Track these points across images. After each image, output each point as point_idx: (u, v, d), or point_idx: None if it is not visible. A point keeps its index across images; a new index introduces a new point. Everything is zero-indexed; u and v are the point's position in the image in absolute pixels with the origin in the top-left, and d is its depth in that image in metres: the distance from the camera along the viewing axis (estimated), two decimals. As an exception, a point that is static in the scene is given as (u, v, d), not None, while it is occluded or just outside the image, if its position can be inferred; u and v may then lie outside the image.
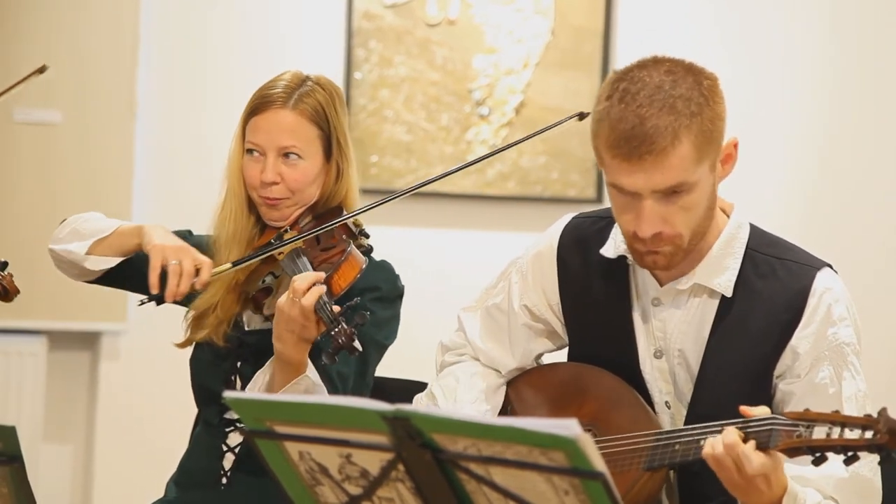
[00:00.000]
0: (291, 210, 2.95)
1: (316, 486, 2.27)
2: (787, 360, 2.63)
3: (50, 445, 5.02)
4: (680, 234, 2.57)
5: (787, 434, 2.40)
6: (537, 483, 2.10)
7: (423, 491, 2.19)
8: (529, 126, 5.22)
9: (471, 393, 2.82)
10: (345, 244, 2.86)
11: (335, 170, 2.97)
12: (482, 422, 2.16)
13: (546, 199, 5.21)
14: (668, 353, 2.70)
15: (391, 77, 5.17)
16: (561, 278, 2.82)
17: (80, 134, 5.00)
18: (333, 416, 2.19)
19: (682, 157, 2.51)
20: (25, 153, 4.98)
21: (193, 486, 2.97)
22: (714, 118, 2.56)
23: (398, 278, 3.00)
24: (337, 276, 2.81)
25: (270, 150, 2.92)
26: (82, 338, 5.06)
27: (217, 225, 2.99)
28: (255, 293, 2.92)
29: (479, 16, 5.21)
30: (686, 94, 2.53)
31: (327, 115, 2.95)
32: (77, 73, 4.99)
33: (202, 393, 3.01)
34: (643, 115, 2.51)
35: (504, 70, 5.21)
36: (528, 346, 2.87)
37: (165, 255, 2.81)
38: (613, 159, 2.54)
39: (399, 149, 5.17)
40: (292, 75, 2.96)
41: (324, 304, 2.69)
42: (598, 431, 2.68)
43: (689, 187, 2.54)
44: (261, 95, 2.95)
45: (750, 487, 2.42)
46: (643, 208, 2.54)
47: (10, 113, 4.98)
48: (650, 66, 2.57)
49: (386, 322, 2.95)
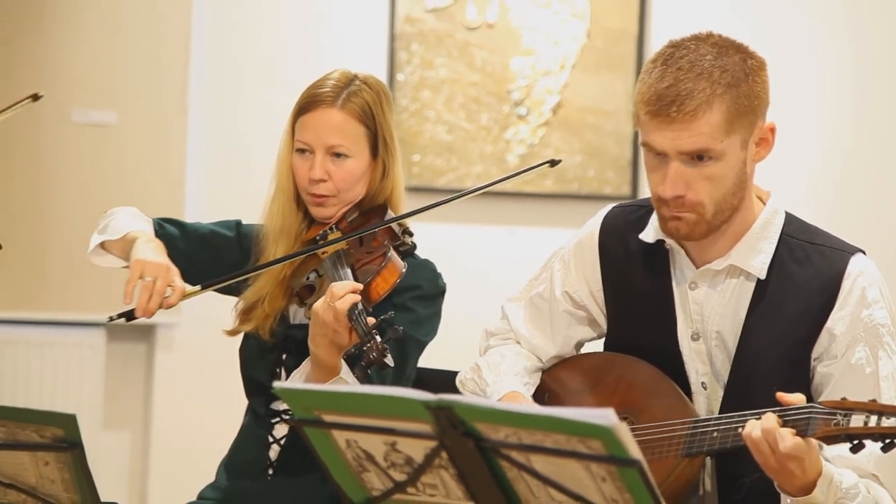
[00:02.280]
0: (338, 207, 2.94)
1: (362, 472, 2.27)
2: (823, 342, 2.62)
3: (109, 432, 5.04)
4: (702, 203, 2.58)
5: (825, 422, 2.40)
6: (576, 470, 2.09)
7: (466, 477, 2.18)
8: (566, 125, 5.22)
9: (513, 368, 2.82)
10: (385, 248, 2.84)
11: (381, 168, 2.96)
12: (522, 411, 2.16)
13: (583, 196, 5.20)
14: (706, 335, 2.69)
15: (432, 78, 5.17)
16: (602, 265, 2.81)
17: (134, 134, 5.02)
18: (379, 405, 2.19)
19: (710, 124, 2.54)
20: (83, 152, 5.01)
21: (241, 476, 2.97)
22: (750, 95, 2.57)
23: (440, 277, 2.98)
24: (376, 282, 2.79)
25: (318, 148, 2.91)
26: (139, 330, 5.08)
27: (266, 219, 2.99)
28: (299, 289, 2.92)
29: (517, 19, 5.20)
30: (727, 67, 2.56)
31: (374, 114, 2.94)
32: (132, 75, 5.01)
33: (250, 383, 3.01)
34: (680, 77, 2.54)
35: (541, 71, 5.21)
36: (568, 332, 2.87)
37: (143, 271, 2.78)
38: (646, 115, 2.57)
39: (440, 148, 5.17)
40: (340, 74, 2.95)
41: (358, 315, 2.65)
42: (635, 419, 2.67)
43: (715, 155, 2.56)
44: (310, 94, 2.94)
45: (784, 470, 2.41)
46: (669, 169, 2.57)
47: (69, 114, 5.00)
48: (703, 38, 2.61)
49: (426, 320, 2.94)
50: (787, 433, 2.38)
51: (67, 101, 5.01)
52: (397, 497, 2.27)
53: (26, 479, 2.34)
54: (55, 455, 2.31)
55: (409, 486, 2.25)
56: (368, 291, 2.76)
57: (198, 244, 3.02)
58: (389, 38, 5.13)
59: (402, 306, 2.86)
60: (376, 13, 5.13)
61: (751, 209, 2.67)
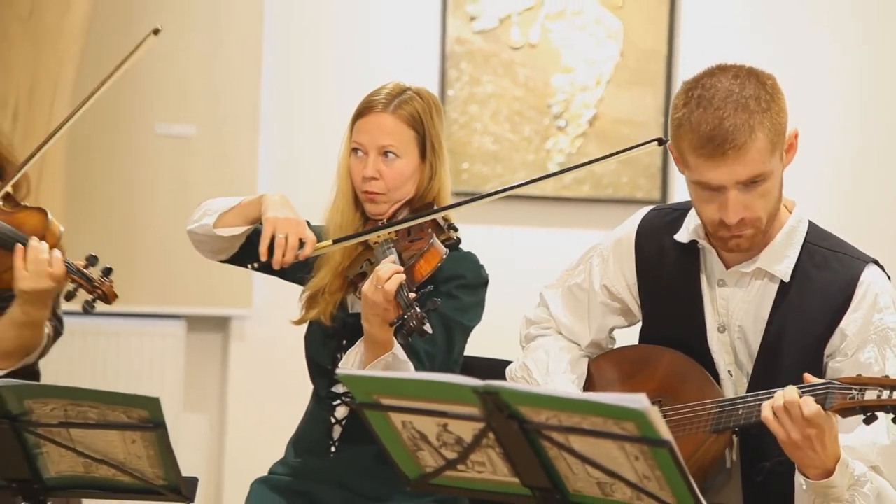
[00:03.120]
0: (389, 205, 2.94)
1: (417, 451, 2.28)
2: (836, 342, 2.61)
3: (189, 414, 5.06)
4: (759, 218, 2.57)
5: (842, 396, 2.41)
6: (611, 450, 2.09)
7: (511, 456, 2.18)
8: (601, 136, 5.20)
9: (560, 364, 2.81)
10: (429, 237, 2.85)
11: (429, 169, 2.96)
12: (563, 396, 2.16)
13: (616, 201, 5.18)
14: (730, 328, 2.69)
15: (480, 94, 5.17)
16: (638, 261, 2.81)
17: (211, 144, 5.03)
18: (432, 390, 2.20)
19: (759, 150, 2.52)
20: (165, 161, 5.03)
21: (307, 453, 2.98)
22: (780, 112, 2.56)
23: (482, 268, 2.98)
24: (419, 264, 2.80)
25: (372, 148, 2.92)
26: (215, 322, 5.10)
27: (327, 217, 3.00)
28: (353, 277, 2.92)
29: (557, 40, 5.19)
30: (755, 94, 2.54)
31: (423, 120, 2.94)
32: (209, 91, 5.02)
33: (313, 367, 3.01)
34: (721, 115, 2.51)
35: (579, 87, 5.19)
36: (603, 321, 2.86)
37: (276, 227, 2.80)
38: (699, 158, 2.53)
39: (487, 157, 5.16)
40: (394, 85, 2.97)
41: (402, 291, 2.67)
42: (668, 401, 2.67)
43: (765, 176, 2.55)
44: (366, 101, 2.96)
45: (805, 443, 2.41)
46: (728, 199, 2.54)
47: (153, 126, 5.02)
48: (717, 73, 2.58)
49: (471, 307, 2.93)
50: (810, 400, 2.39)
51: (151, 115, 5.03)
52: (448, 473, 2.28)
53: (116, 455, 2.35)
54: (141, 434, 2.32)
55: (459, 464, 2.25)
56: (412, 272, 2.77)
57: None
58: (441, 57, 5.13)
59: (448, 294, 2.86)
60: (429, 35, 5.13)
61: (778, 218, 2.66)
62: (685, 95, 2.56)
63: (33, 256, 2.80)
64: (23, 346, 2.90)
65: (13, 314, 2.86)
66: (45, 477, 2.39)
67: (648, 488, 2.11)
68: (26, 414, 2.33)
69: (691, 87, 2.57)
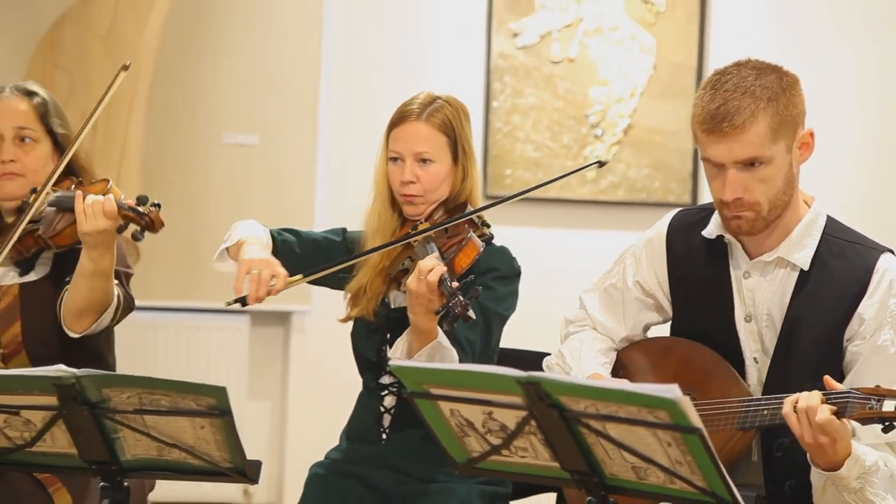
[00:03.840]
0: (426, 206, 2.93)
1: (464, 437, 2.27)
2: (854, 326, 2.59)
3: (253, 402, 5.08)
4: (758, 202, 2.56)
5: (861, 405, 2.39)
6: (645, 437, 2.08)
7: (552, 442, 2.17)
8: (635, 144, 5.18)
9: (591, 351, 2.81)
10: (466, 232, 2.84)
11: (461, 171, 2.94)
12: (600, 386, 2.14)
13: (649, 204, 5.16)
14: (757, 317, 2.67)
15: (522, 105, 5.15)
16: (669, 258, 2.79)
17: (273, 153, 5.05)
18: (478, 381, 2.19)
19: (758, 134, 2.53)
20: (231, 168, 5.05)
21: (360, 440, 2.97)
22: (789, 105, 2.56)
23: (515, 260, 2.96)
24: (458, 257, 2.79)
25: (408, 155, 2.91)
26: (277, 317, 5.12)
27: (366, 219, 3.00)
28: (395, 273, 2.91)
29: (594, 55, 5.17)
30: (766, 84, 2.56)
31: (454, 126, 2.93)
32: (271, 103, 5.04)
33: (361, 361, 3.01)
34: (727, 97, 2.54)
35: (615, 99, 5.17)
36: (637, 317, 2.84)
37: (250, 266, 2.79)
38: (702, 134, 2.56)
39: (528, 163, 5.15)
40: (425, 95, 2.95)
41: (444, 281, 2.66)
42: (698, 396, 2.64)
43: (765, 160, 2.54)
44: (400, 112, 2.95)
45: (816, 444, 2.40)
46: (727, 176, 2.55)
47: (220, 136, 5.04)
48: (741, 65, 2.61)
49: (506, 297, 2.92)
50: (826, 408, 2.37)
51: (219, 125, 5.06)
52: (493, 458, 2.27)
53: (186, 440, 2.36)
54: (209, 420, 2.32)
55: (504, 449, 2.24)
56: (452, 265, 2.76)
57: (311, 247, 3.03)
58: (486, 71, 5.13)
59: (484, 285, 2.83)
60: (475, 50, 5.12)
61: (797, 210, 2.65)
62: (708, 80, 2.61)
63: (88, 201, 2.84)
64: (95, 300, 2.90)
65: (82, 264, 2.88)
66: (122, 460, 2.40)
67: (681, 472, 2.10)
68: (105, 402, 2.34)
69: (716, 72, 2.61)
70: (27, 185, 2.99)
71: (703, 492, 2.10)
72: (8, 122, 3.01)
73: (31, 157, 3.01)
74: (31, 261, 2.99)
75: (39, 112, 3.04)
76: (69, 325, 2.92)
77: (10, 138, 3.00)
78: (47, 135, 3.04)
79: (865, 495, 2.46)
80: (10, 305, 2.97)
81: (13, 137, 3.00)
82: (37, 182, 2.99)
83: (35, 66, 4.74)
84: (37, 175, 3.00)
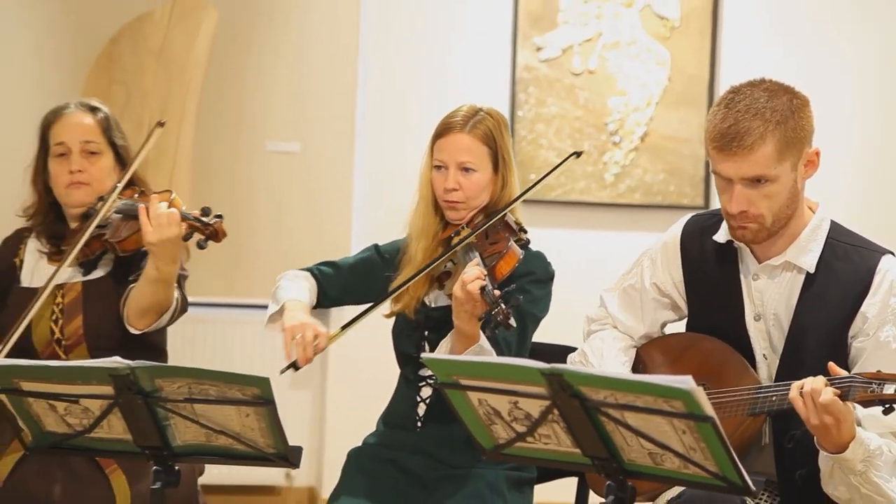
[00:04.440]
0: (467, 211, 2.93)
1: (491, 424, 2.27)
2: (858, 323, 2.58)
3: (294, 392, 5.08)
4: (762, 215, 2.56)
5: (863, 389, 2.38)
6: (661, 425, 2.07)
7: (573, 430, 2.17)
8: (651, 150, 5.17)
9: (612, 350, 2.80)
10: (506, 240, 2.83)
11: (501, 180, 2.95)
12: (618, 377, 2.14)
13: (665, 207, 5.14)
14: (765, 316, 2.66)
15: (545, 114, 5.15)
16: (683, 261, 2.79)
17: (313, 159, 5.06)
18: (504, 372, 2.19)
19: (765, 155, 2.51)
20: (274, 174, 5.07)
21: (396, 427, 2.98)
22: (797, 128, 2.54)
23: (550, 264, 2.97)
24: (499, 264, 2.78)
25: (452, 164, 2.91)
26: (316, 313, 5.08)
27: (411, 223, 3.00)
28: (439, 275, 2.92)
29: (613, 67, 5.16)
30: (776, 107, 2.52)
31: (495, 137, 2.93)
32: (311, 112, 5.05)
33: (401, 355, 3.01)
34: (738, 118, 2.51)
35: (632, 108, 5.16)
36: (654, 315, 2.84)
37: (293, 332, 2.83)
38: (713, 150, 2.55)
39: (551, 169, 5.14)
40: (469, 107, 2.95)
41: (487, 289, 2.66)
42: (711, 385, 2.64)
43: (770, 178, 2.53)
44: (444, 123, 2.95)
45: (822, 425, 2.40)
46: (734, 191, 2.55)
47: (264, 144, 5.06)
48: (756, 84, 2.58)
49: (540, 299, 2.92)
50: (830, 390, 2.37)
51: (262, 134, 5.08)
52: (518, 445, 2.27)
53: (232, 427, 2.37)
54: (254, 409, 2.33)
55: (528, 436, 2.24)
56: (494, 272, 2.76)
57: (349, 274, 3.05)
58: (511, 82, 5.12)
59: (521, 288, 2.83)
60: (501, 63, 5.12)
61: (802, 217, 2.64)
62: (723, 97, 2.58)
63: (154, 212, 2.88)
64: (157, 303, 2.94)
65: (147, 271, 2.92)
66: (173, 445, 2.41)
67: (694, 458, 2.09)
68: (157, 391, 2.35)
69: (731, 90, 2.58)
70: (93, 193, 3.05)
71: (716, 476, 2.10)
72: (75, 136, 3.06)
73: (96, 168, 3.06)
74: (94, 262, 3.04)
75: (103, 126, 3.09)
76: (132, 322, 2.96)
77: (77, 151, 3.06)
78: (110, 147, 3.09)
79: (870, 477, 2.45)
80: (74, 301, 3.01)
81: (80, 150, 3.06)
82: (101, 191, 3.05)
83: (93, 79, 4.77)
84: (101, 184, 3.06)
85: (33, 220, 3.13)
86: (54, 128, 3.08)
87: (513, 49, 5.12)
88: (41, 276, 3.04)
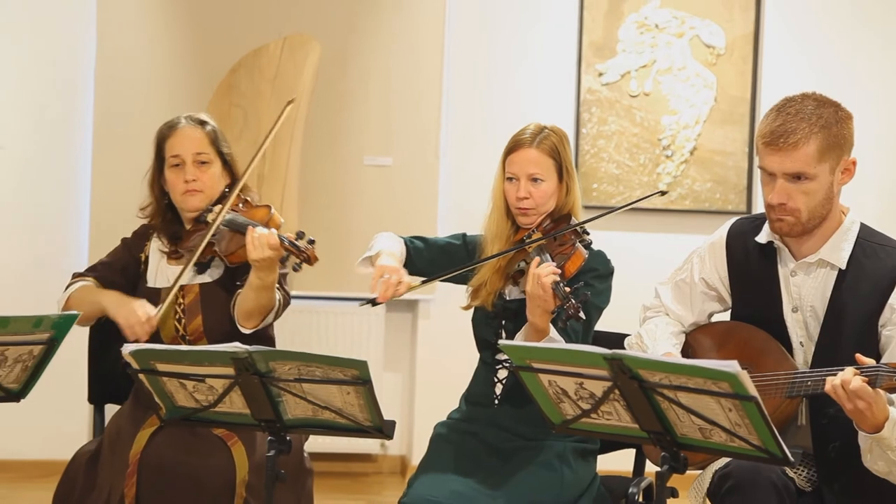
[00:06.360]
0: (536, 217, 2.92)
1: (560, 403, 2.27)
2: (886, 314, 2.54)
3: (388, 373, 5.10)
4: (798, 210, 2.53)
5: (889, 377, 2.34)
6: (710, 403, 2.06)
7: (632, 407, 2.16)
8: (700, 163, 5.11)
9: (664, 334, 2.79)
10: (573, 242, 2.83)
11: (565, 188, 2.93)
12: (672, 362, 2.12)
13: (712, 212, 5.08)
14: (802, 308, 2.62)
15: (606, 131, 5.11)
16: (729, 259, 2.76)
17: (403, 172, 5.06)
18: (571, 357, 2.18)
19: (807, 154, 2.49)
20: (369, 186, 5.08)
21: (476, 405, 2.97)
22: (839, 136, 2.52)
23: (609, 261, 2.94)
24: (568, 264, 2.78)
25: (522, 175, 2.90)
26: (406, 304, 5.14)
27: (486, 227, 2.99)
28: (513, 273, 2.91)
29: (666, 89, 5.11)
30: (822, 115, 2.52)
31: (559, 150, 2.91)
32: (402, 129, 5.05)
33: (480, 341, 3.00)
34: (787, 120, 2.51)
35: (682, 125, 5.11)
36: (702, 306, 2.82)
37: (382, 271, 2.81)
38: (762, 145, 2.53)
39: (611, 179, 5.11)
40: (535, 126, 2.94)
41: (558, 286, 2.65)
42: (753, 370, 2.60)
43: (810, 176, 2.51)
44: (514, 140, 2.94)
45: (856, 410, 2.35)
46: (776, 184, 2.53)
47: (362, 158, 5.08)
48: (808, 95, 2.58)
49: (602, 292, 2.90)
50: (858, 378, 2.33)
51: (359, 149, 5.10)
52: (584, 420, 2.26)
53: (335, 403, 2.38)
54: (354, 387, 2.34)
55: (592, 413, 2.23)
56: (563, 270, 2.75)
57: (437, 251, 3.04)
58: (576, 103, 5.10)
59: (585, 283, 2.83)
60: (567, 87, 5.10)
61: (836, 219, 2.60)
62: (777, 104, 2.58)
63: (258, 234, 2.88)
64: (261, 305, 2.95)
65: (251, 280, 2.93)
66: (285, 418, 2.44)
67: (739, 433, 2.07)
68: (271, 372, 2.37)
69: (785, 99, 2.58)
70: (206, 199, 3.04)
71: (759, 449, 2.07)
72: (188, 149, 3.04)
73: (207, 176, 3.05)
74: (206, 264, 3.04)
75: (211, 138, 3.07)
76: (241, 323, 2.97)
77: (190, 161, 3.04)
78: (218, 156, 3.07)
79: None
80: (193, 302, 3.02)
81: (193, 161, 3.04)
82: (213, 196, 3.04)
83: (215, 104, 4.83)
84: (212, 190, 3.05)
85: (152, 219, 3.12)
86: (169, 141, 3.06)
87: (577, 74, 5.10)
88: (163, 276, 3.05)
